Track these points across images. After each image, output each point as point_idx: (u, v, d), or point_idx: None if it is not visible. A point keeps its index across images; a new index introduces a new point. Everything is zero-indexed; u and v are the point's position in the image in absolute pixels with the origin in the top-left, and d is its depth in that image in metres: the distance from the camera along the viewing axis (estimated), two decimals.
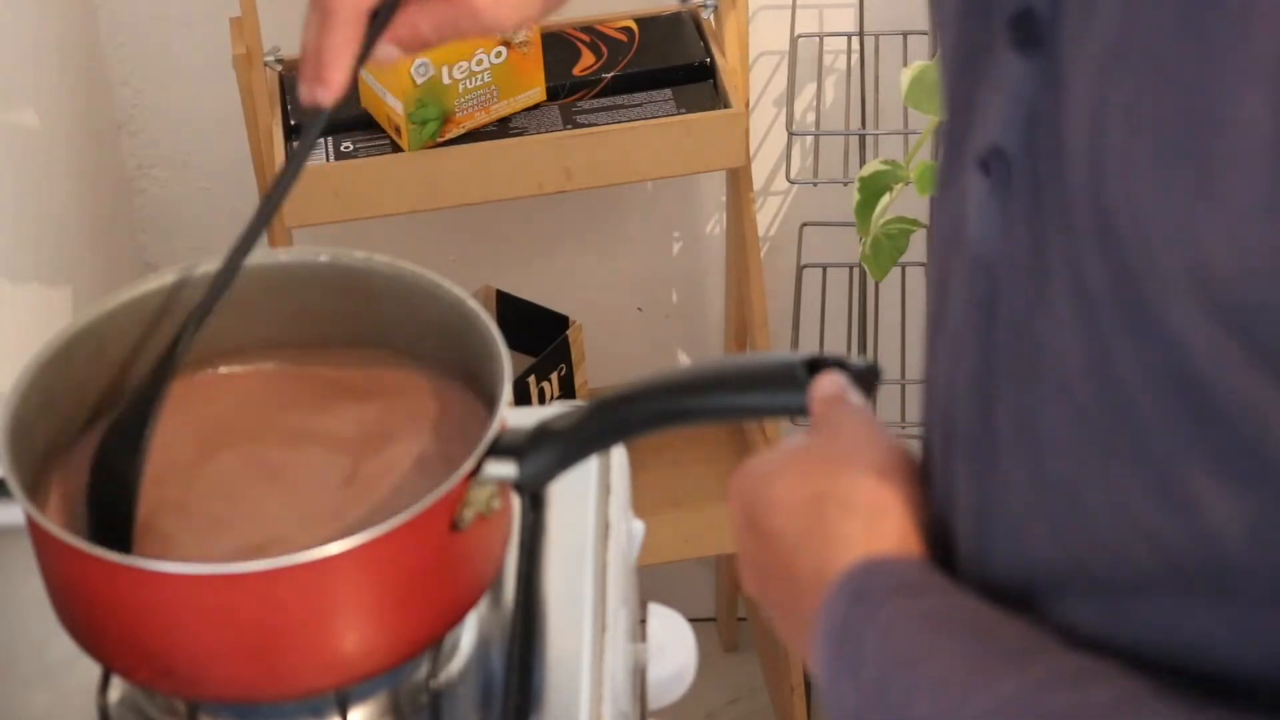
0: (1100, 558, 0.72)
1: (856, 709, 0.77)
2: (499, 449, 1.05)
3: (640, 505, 1.33)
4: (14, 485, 1.05)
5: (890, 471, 0.85)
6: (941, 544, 0.83)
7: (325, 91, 1.04)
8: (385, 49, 1.05)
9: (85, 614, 1.08)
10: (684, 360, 2.37)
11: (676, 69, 1.94)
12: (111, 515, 1.10)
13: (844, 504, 0.84)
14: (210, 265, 1.19)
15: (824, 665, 0.80)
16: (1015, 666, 0.73)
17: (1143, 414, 0.67)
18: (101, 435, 1.12)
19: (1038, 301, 0.72)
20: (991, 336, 0.75)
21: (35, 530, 1.05)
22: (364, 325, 1.21)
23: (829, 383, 0.93)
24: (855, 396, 0.93)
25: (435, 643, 1.11)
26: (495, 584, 1.18)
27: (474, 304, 1.15)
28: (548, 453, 1.03)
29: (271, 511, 1.14)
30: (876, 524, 0.83)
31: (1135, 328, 0.66)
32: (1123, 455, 0.69)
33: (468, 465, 1.04)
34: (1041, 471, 0.74)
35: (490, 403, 1.09)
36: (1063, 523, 0.73)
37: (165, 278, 1.19)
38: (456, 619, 1.11)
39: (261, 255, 1.21)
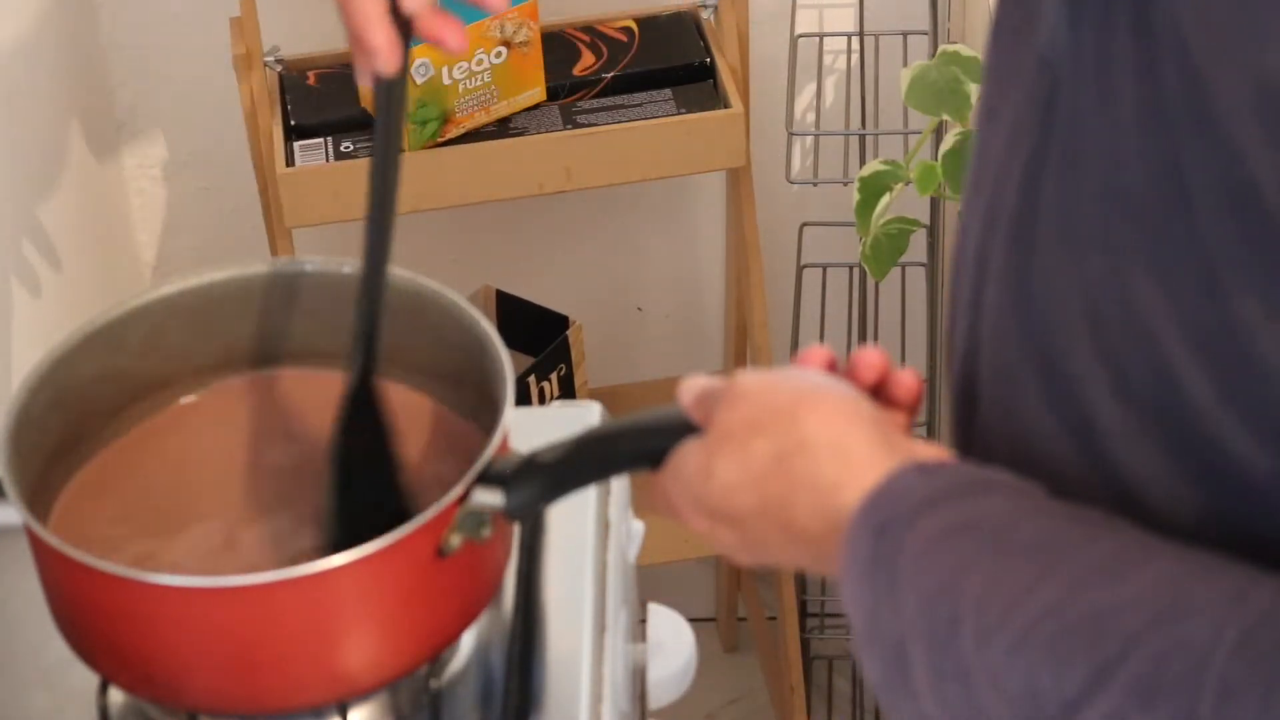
0: (1134, 353, 0.74)
1: (900, 638, 0.79)
2: (488, 477, 1.05)
3: (640, 505, 1.33)
4: (12, 493, 1.05)
5: (813, 397, 0.87)
6: (966, 320, 0.85)
7: (375, 58, 1.01)
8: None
9: (82, 624, 1.08)
10: (684, 361, 2.37)
11: (676, 69, 1.93)
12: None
13: (804, 450, 0.86)
14: (218, 273, 1.19)
15: (857, 603, 0.81)
16: (1047, 569, 0.74)
17: (1202, 219, 0.69)
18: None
19: (1100, 102, 0.73)
20: (1048, 131, 0.77)
21: (34, 539, 1.05)
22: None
23: (688, 387, 0.94)
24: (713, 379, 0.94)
25: (423, 664, 1.10)
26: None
27: (489, 327, 1.14)
28: (535, 484, 1.03)
29: (268, 526, 1.14)
30: (846, 455, 0.85)
31: (1203, 134, 0.67)
32: (1174, 258, 0.70)
33: (455, 491, 1.04)
34: (1081, 261, 0.75)
35: (488, 431, 1.09)
36: (1097, 314, 0.75)
37: (178, 283, 1.19)
38: (443, 644, 1.10)
39: (278, 264, 1.21)
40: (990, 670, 0.75)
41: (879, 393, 0.94)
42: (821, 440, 0.85)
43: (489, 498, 1.04)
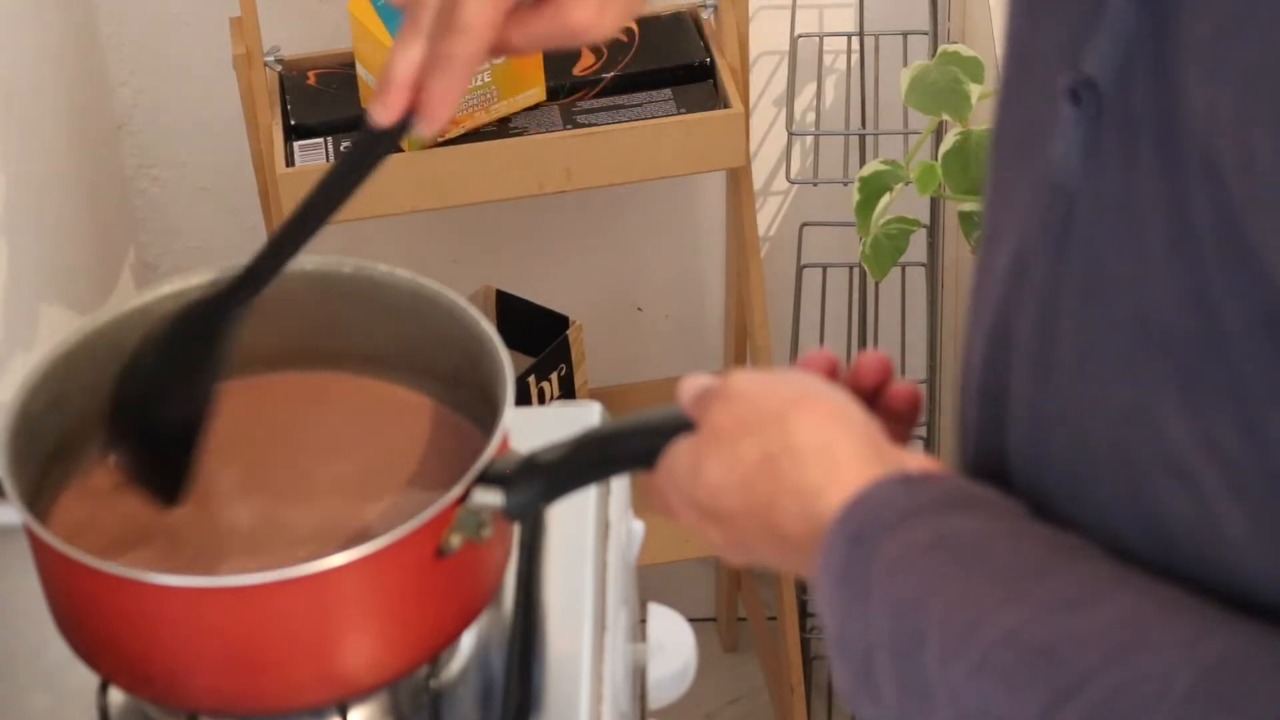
0: (1167, 490, 0.72)
1: (868, 647, 0.79)
2: (488, 477, 1.04)
3: (640, 505, 1.33)
4: (12, 493, 1.05)
5: (805, 401, 0.87)
6: (985, 426, 0.84)
7: (429, 125, 0.99)
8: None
9: (82, 624, 1.08)
10: (684, 361, 2.37)
11: (676, 69, 1.93)
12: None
13: (791, 453, 0.85)
14: (217, 273, 1.19)
15: (830, 608, 0.82)
16: (1013, 594, 0.74)
17: (1236, 349, 0.68)
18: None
19: (1123, 233, 0.72)
20: (1063, 260, 0.76)
21: (34, 539, 1.05)
22: (371, 338, 1.21)
23: (689, 386, 0.94)
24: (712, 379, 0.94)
25: (423, 664, 1.10)
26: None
27: (488, 327, 1.14)
28: (535, 484, 1.03)
29: (266, 527, 1.14)
30: (833, 460, 0.84)
31: (1238, 269, 0.67)
32: (1207, 388, 0.69)
33: (455, 491, 1.04)
34: (1105, 394, 0.74)
35: (488, 431, 1.09)
36: (1126, 448, 0.74)
37: (179, 282, 1.19)
38: (443, 644, 1.10)
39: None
40: (950, 689, 0.75)
41: (878, 400, 0.93)
42: (809, 445, 0.85)
43: (489, 498, 1.04)
